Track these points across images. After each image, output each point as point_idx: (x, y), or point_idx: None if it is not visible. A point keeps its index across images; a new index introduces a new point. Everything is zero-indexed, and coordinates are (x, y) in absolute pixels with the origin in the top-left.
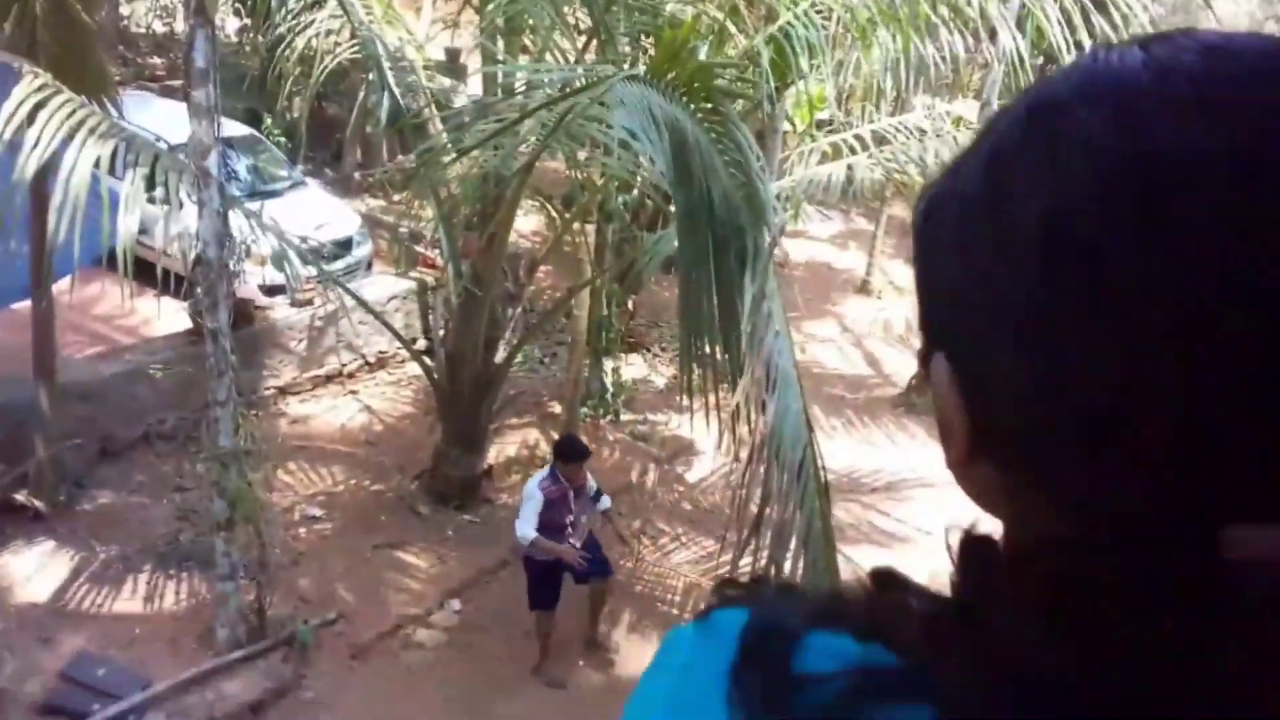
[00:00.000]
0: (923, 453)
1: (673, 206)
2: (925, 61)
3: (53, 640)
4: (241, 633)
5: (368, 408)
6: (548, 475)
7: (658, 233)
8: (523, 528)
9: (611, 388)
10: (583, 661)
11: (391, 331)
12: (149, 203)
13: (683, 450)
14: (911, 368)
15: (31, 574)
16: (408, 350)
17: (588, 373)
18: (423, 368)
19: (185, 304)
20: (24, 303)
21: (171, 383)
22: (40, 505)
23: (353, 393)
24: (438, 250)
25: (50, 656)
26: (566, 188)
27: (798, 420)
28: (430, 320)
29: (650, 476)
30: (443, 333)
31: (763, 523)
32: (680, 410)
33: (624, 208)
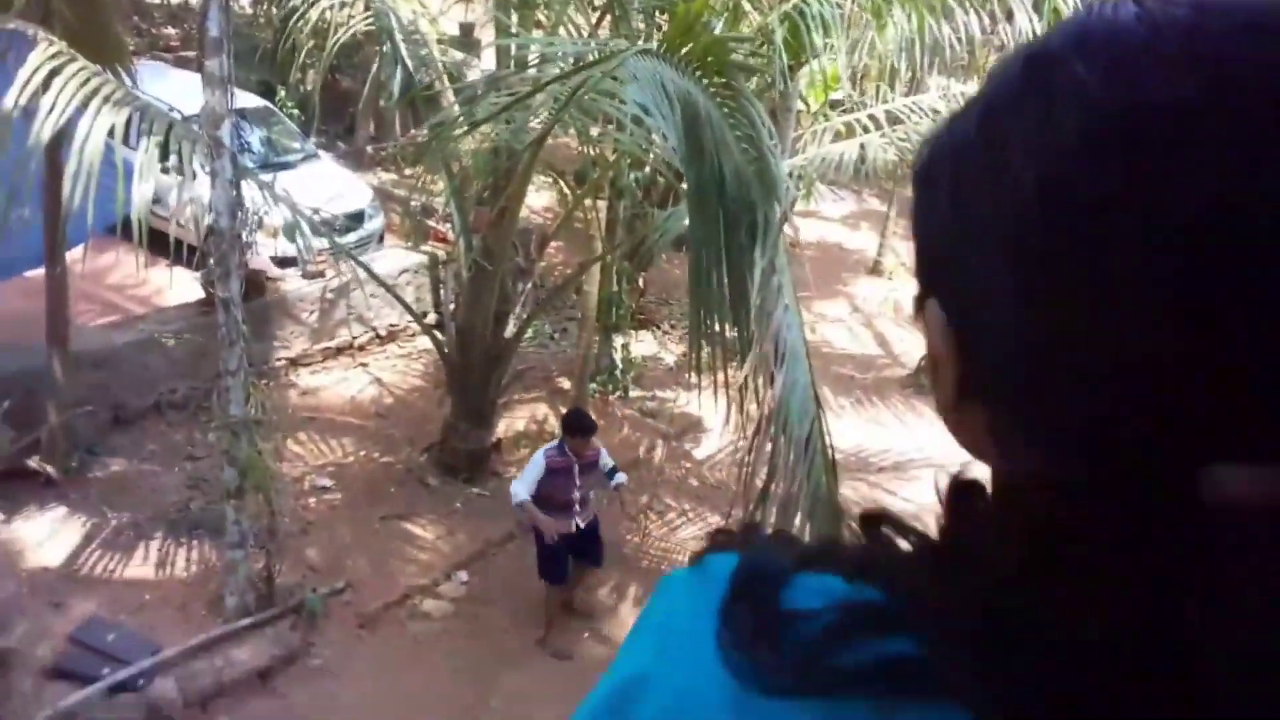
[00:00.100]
0: (931, 433)
1: (684, 184)
2: (940, 42)
3: (64, 605)
4: (250, 600)
5: (378, 380)
6: (555, 446)
7: (669, 210)
8: (516, 487)
9: (621, 364)
10: (588, 634)
11: (402, 305)
12: (163, 173)
13: (691, 427)
14: (922, 349)
15: (43, 539)
16: (418, 324)
17: (597, 349)
18: (433, 341)
19: (198, 274)
20: (38, 270)
21: (183, 352)
22: (52, 472)
23: (363, 365)
24: (449, 224)
25: (61, 621)
26: (579, 164)
27: (805, 395)
28: (441, 294)
29: (658, 452)
30: (453, 307)
31: (769, 497)
32: (689, 388)
33: (636, 184)
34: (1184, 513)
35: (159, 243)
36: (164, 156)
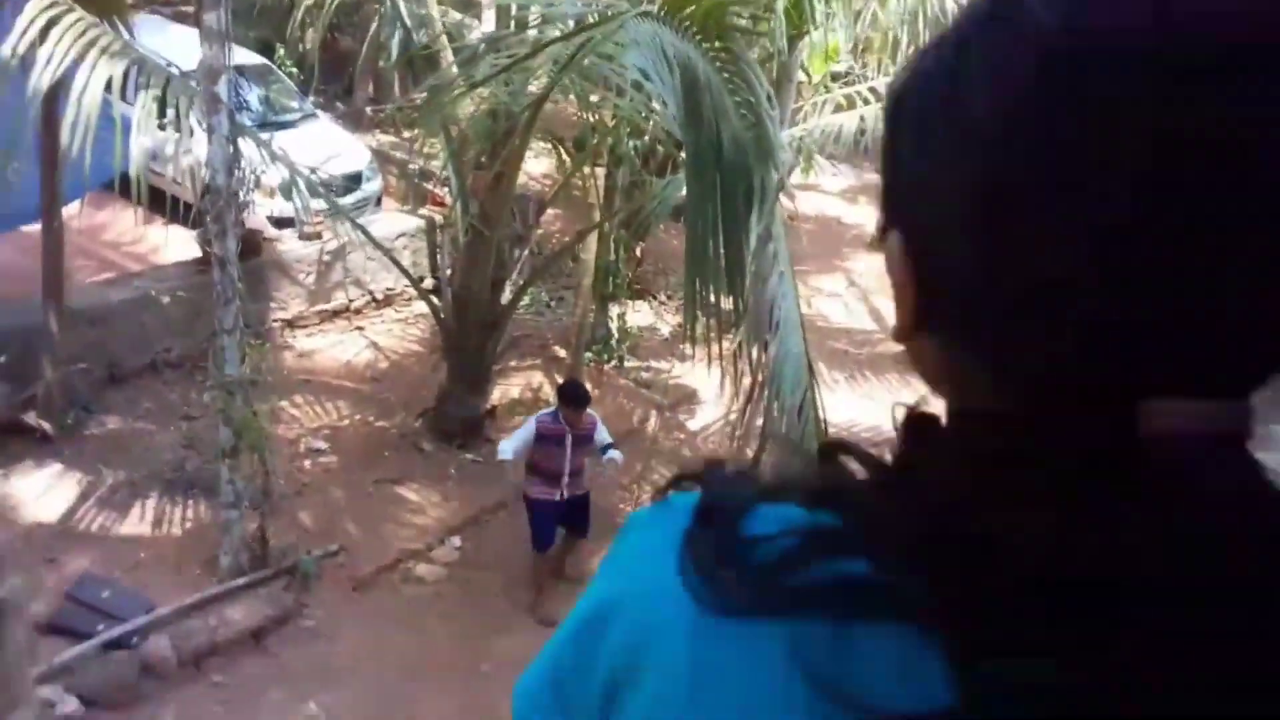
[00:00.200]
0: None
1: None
2: (942, 15)
3: (58, 561)
4: (244, 560)
5: (374, 344)
6: (550, 413)
7: (667, 178)
8: (504, 444)
9: (616, 334)
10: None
11: (399, 269)
12: (159, 129)
13: (685, 399)
14: None
15: (39, 494)
16: (415, 288)
17: (593, 318)
18: (429, 306)
19: (195, 233)
20: (34, 225)
21: (180, 311)
22: (48, 428)
23: (359, 329)
24: (446, 188)
25: (55, 577)
26: (578, 130)
27: (799, 365)
28: (438, 259)
29: (652, 423)
30: (450, 272)
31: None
32: (684, 359)
33: (634, 152)
34: (1123, 444)
35: (157, 200)
36: (161, 112)
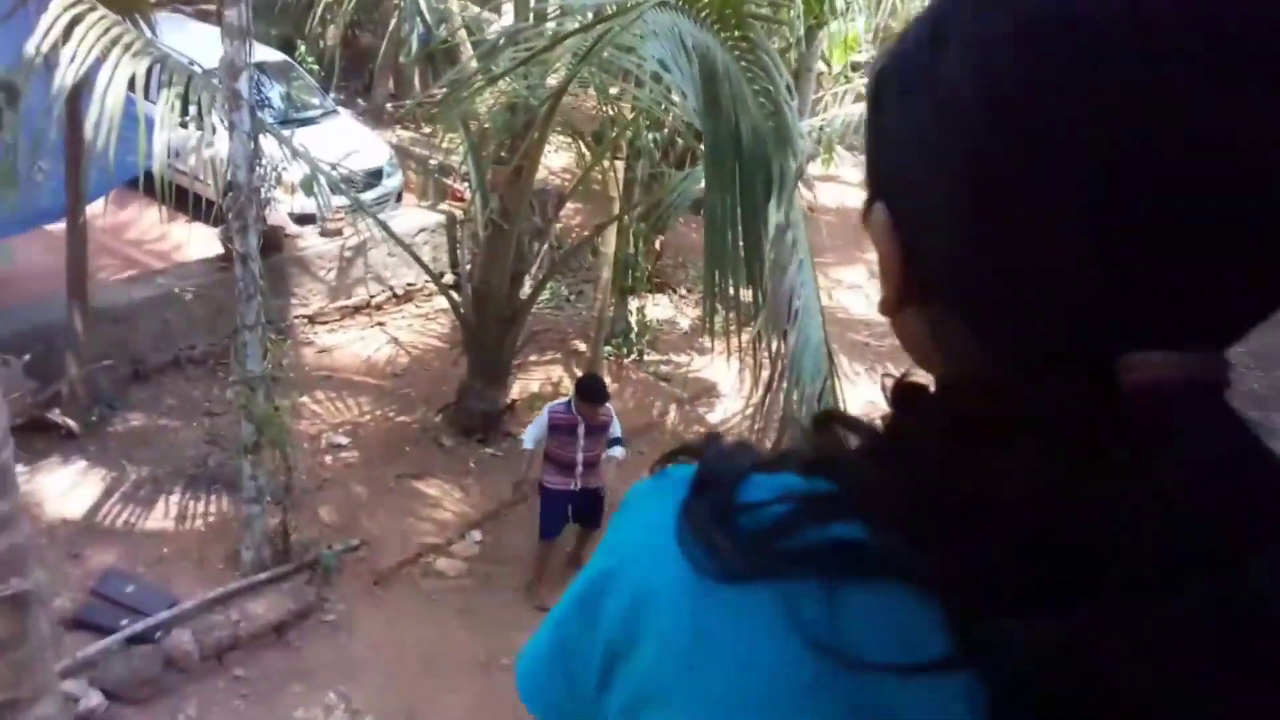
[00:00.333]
0: None
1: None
2: None
3: (82, 556)
4: (267, 555)
5: (394, 340)
6: (563, 403)
7: (686, 171)
8: (526, 434)
9: (636, 327)
10: None
11: (420, 264)
12: (181, 127)
13: (705, 392)
14: None
15: (64, 491)
16: (435, 283)
17: (613, 311)
18: (449, 301)
19: (217, 230)
20: (58, 224)
21: (202, 308)
22: (73, 425)
23: (380, 324)
24: (466, 183)
25: (80, 572)
26: (597, 124)
27: (818, 353)
28: (458, 253)
29: (671, 416)
30: (469, 266)
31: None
32: (704, 352)
33: (654, 145)
34: (1103, 399)
35: (179, 198)
36: (184, 110)
